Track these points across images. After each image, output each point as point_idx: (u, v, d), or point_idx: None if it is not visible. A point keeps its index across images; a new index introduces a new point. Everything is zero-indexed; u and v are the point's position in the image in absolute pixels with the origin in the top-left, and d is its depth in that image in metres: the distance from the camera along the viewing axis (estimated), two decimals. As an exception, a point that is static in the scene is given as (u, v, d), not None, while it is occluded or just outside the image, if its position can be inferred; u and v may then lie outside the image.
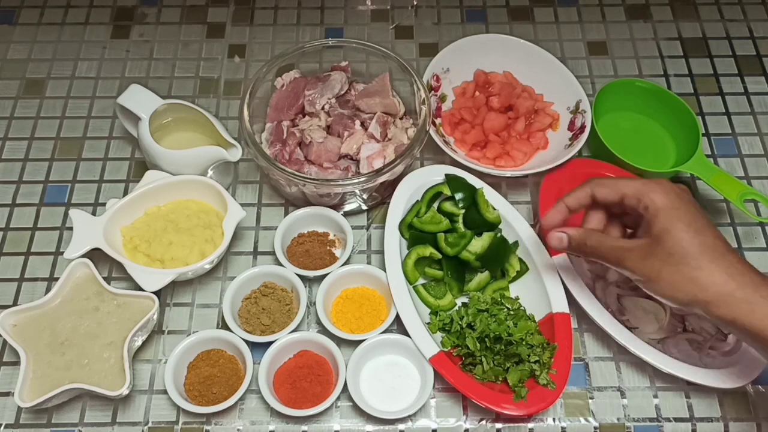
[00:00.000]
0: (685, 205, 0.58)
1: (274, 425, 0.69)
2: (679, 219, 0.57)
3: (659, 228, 0.57)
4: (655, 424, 0.69)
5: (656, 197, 0.58)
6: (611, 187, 0.61)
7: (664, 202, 0.58)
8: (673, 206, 0.57)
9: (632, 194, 0.60)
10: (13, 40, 0.96)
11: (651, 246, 0.58)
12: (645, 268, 0.58)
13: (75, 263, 0.70)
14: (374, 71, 0.84)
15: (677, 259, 0.56)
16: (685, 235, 0.56)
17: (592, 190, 0.62)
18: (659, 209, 0.58)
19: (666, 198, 0.58)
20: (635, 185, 0.60)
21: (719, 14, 1.00)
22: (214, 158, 0.75)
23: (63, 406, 0.69)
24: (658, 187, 0.59)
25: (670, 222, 0.57)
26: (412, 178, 0.77)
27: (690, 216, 0.57)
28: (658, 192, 0.58)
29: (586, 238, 0.62)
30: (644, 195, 0.59)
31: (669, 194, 0.58)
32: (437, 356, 0.67)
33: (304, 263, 0.75)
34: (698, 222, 0.57)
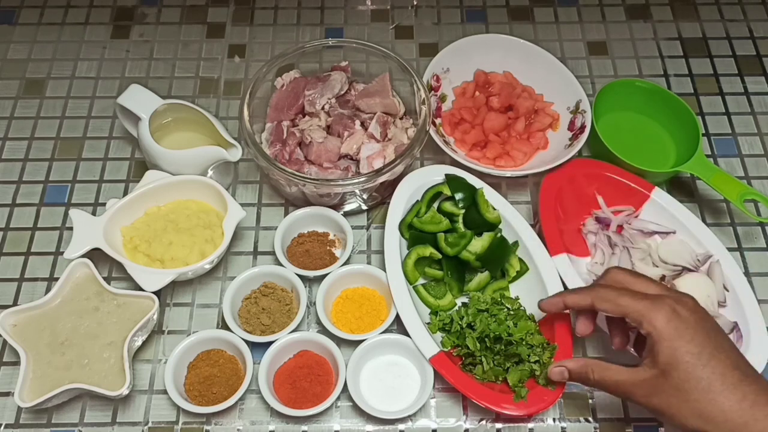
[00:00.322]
0: (691, 331, 0.55)
1: (274, 425, 0.69)
2: (685, 350, 0.54)
3: (664, 360, 0.54)
4: (655, 424, 0.69)
5: (658, 324, 0.55)
6: (613, 303, 0.58)
7: (667, 331, 0.55)
8: (677, 335, 0.54)
9: (634, 317, 0.57)
10: (13, 40, 0.96)
11: (658, 380, 0.55)
12: (654, 404, 0.56)
13: (75, 263, 0.70)
14: (374, 71, 0.84)
15: (686, 394, 0.54)
16: (693, 370, 0.53)
17: (594, 302, 0.60)
18: (662, 338, 0.55)
19: (668, 325, 0.55)
20: (637, 307, 0.56)
21: (719, 14, 1.00)
22: (214, 158, 0.75)
23: (63, 406, 0.69)
24: (660, 312, 0.55)
25: (675, 353, 0.54)
26: (412, 178, 0.77)
27: (697, 344, 0.54)
28: (661, 318, 0.55)
29: (588, 372, 0.60)
30: (646, 319, 0.56)
31: (672, 320, 0.55)
32: (437, 356, 0.67)
33: (304, 263, 0.75)
34: (707, 349, 0.54)
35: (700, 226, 0.76)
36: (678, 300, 0.57)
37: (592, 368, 0.60)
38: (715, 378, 0.53)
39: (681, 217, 0.76)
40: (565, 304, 0.63)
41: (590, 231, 0.78)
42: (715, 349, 0.54)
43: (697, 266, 0.74)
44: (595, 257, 0.76)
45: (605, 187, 0.79)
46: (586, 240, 0.78)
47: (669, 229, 0.76)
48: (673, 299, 0.56)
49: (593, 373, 0.60)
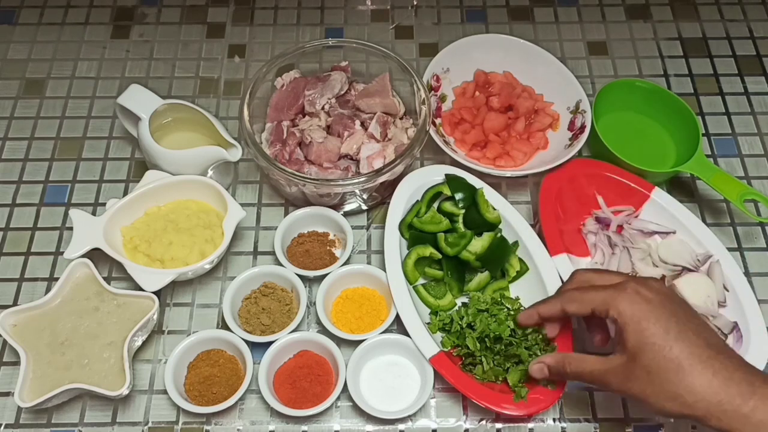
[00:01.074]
0: (656, 312, 0.54)
1: (274, 425, 0.69)
2: (651, 332, 0.53)
3: (632, 344, 0.54)
4: (655, 424, 0.69)
5: (622, 307, 0.55)
6: (579, 301, 0.59)
7: (631, 313, 0.54)
8: (642, 316, 0.54)
9: (600, 307, 0.57)
10: (13, 40, 0.96)
11: (628, 365, 0.55)
12: (629, 390, 0.55)
13: (75, 263, 0.70)
14: (374, 71, 0.84)
15: (657, 376, 0.53)
16: (660, 350, 0.53)
17: (563, 306, 0.60)
18: (627, 322, 0.54)
19: (632, 307, 0.54)
20: (601, 297, 0.56)
21: (719, 14, 1.00)
22: (214, 158, 0.75)
23: (63, 406, 0.69)
24: (623, 296, 0.55)
25: (641, 337, 0.54)
26: (412, 178, 0.77)
27: (662, 325, 0.53)
28: (624, 301, 0.55)
29: (565, 365, 0.60)
30: (610, 306, 0.55)
31: (635, 302, 0.54)
32: (437, 356, 0.67)
33: (304, 263, 0.75)
34: (673, 329, 0.53)
35: (700, 226, 0.76)
36: (641, 282, 0.56)
37: (569, 361, 0.60)
38: (684, 357, 0.52)
39: (681, 217, 0.76)
40: (539, 315, 0.63)
41: (590, 231, 0.78)
42: (682, 328, 0.53)
43: (697, 266, 0.74)
44: (595, 257, 0.76)
45: (605, 187, 0.79)
46: (586, 240, 0.78)
47: (669, 229, 0.76)
48: (636, 282, 0.56)
49: (569, 366, 0.60)
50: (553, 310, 0.61)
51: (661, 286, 0.57)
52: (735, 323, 0.70)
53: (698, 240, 0.75)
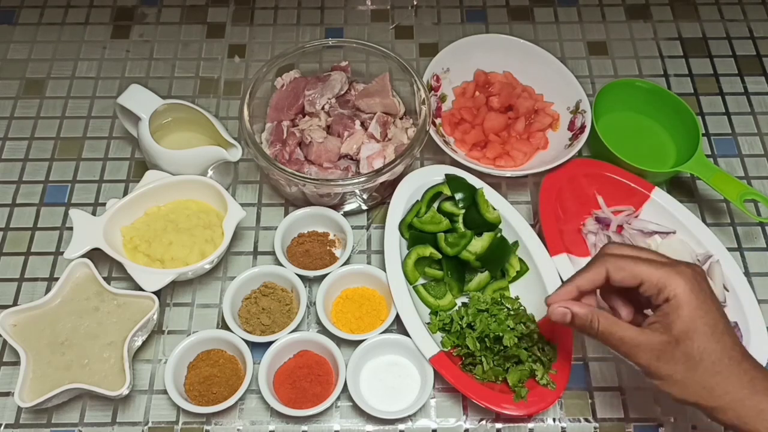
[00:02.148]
0: (709, 303, 0.54)
1: (274, 425, 0.69)
2: (704, 322, 0.53)
3: (681, 328, 0.54)
4: (655, 424, 0.69)
5: (680, 290, 0.54)
6: (628, 271, 0.56)
7: (689, 299, 0.54)
8: (698, 304, 0.54)
9: (653, 284, 0.55)
10: (13, 40, 0.96)
11: (669, 346, 0.54)
12: (659, 368, 0.55)
13: (75, 263, 0.70)
14: (374, 71, 0.84)
15: (695, 364, 0.53)
16: (708, 342, 0.53)
17: (608, 272, 0.57)
18: (682, 306, 0.54)
19: (691, 293, 0.54)
20: (657, 275, 0.54)
21: (719, 14, 1.00)
22: (214, 158, 0.75)
23: (63, 406, 0.69)
24: (682, 278, 0.54)
25: (693, 324, 0.53)
26: (412, 178, 0.77)
27: (713, 317, 0.54)
28: (682, 285, 0.54)
29: (595, 321, 0.56)
30: (666, 287, 0.54)
31: (694, 289, 0.54)
32: (437, 356, 0.67)
33: (304, 263, 0.75)
34: (720, 323, 0.54)
35: (700, 226, 0.76)
36: (693, 269, 0.56)
37: (601, 318, 0.56)
38: (724, 353, 0.53)
39: (681, 217, 0.76)
40: (578, 289, 0.58)
41: (590, 231, 0.78)
42: (726, 325, 0.54)
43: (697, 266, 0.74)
44: (595, 257, 0.76)
45: (605, 187, 0.79)
46: (586, 240, 0.78)
47: (669, 229, 0.76)
48: (689, 268, 0.55)
49: (600, 323, 0.56)
50: (597, 278, 0.57)
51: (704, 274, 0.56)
52: (735, 323, 0.70)
53: (698, 240, 0.75)
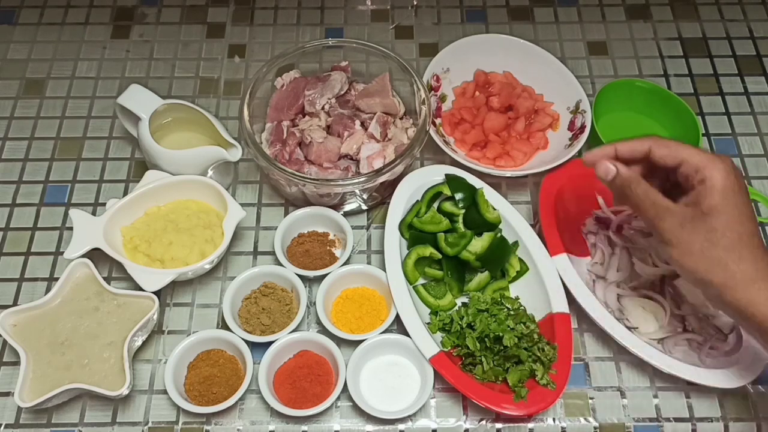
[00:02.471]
0: (741, 192, 0.58)
1: (274, 425, 0.69)
2: (734, 204, 0.57)
3: (711, 205, 0.57)
4: (655, 424, 0.69)
5: (717, 174, 0.57)
6: (672, 150, 0.59)
7: (724, 182, 0.57)
8: (732, 189, 0.57)
9: (692, 164, 0.58)
10: (13, 40, 0.96)
11: (695, 217, 0.57)
12: (680, 235, 0.58)
13: (75, 263, 0.70)
14: (374, 71, 0.84)
15: (716, 238, 0.57)
16: (733, 222, 0.57)
17: (651, 148, 0.60)
18: (716, 187, 0.57)
19: (727, 179, 0.57)
20: (698, 157, 0.58)
21: (719, 14, 1.00)
22: (214, 158, 0.75)
23: (63, 406, 0.69)
24: (721, 165, 0.58)
25: (725, 203, 0.57)
26: (412, 178, 0.77)
27: (743, 203, 0.57)
28: (721, 170, 0.57)
29: (634, 182, 0.60)
30: (705, 169, 0.57)
31: (730, 176, 0.57)
32: (437, 356, 0.67)
33: (304, 263, 0.75)
34: (747, 212, 0.57)
35: (700, 226, 0.75)
36: (733, 164, 0.59)
37: (638, 181, 0.60)
38: (744, 236, 0.57)
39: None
40: (617, 152, 0.61)
41: (590, 231, 0.78)
42: (750, 216, 0.58)
43: (697, 266, 0.74)
44: (595, 257, 0.76)
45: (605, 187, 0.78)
46: (586, 240, 0.78)
47: (669, 229, 0.76)
48: (731, 161, 0.59)
49: (637, 186, 0.60)
50: (637, 150, 0.61)
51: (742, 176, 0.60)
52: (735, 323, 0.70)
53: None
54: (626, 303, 0.72)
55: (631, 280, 0.75)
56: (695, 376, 0.66)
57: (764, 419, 0.69)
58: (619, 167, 0.61)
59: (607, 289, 0.73)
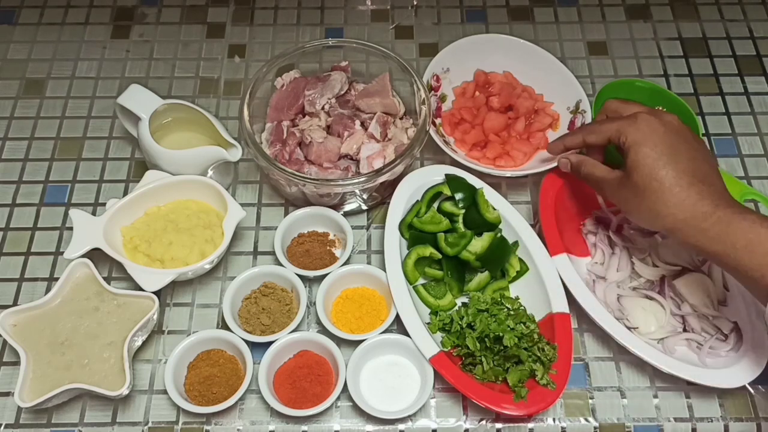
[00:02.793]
0: (657, 139, 0.62)
1: (274, 425, 0.69)
2: (647, 154, 0.61)
3: (630, 162, 0.63)
4: (655, 424, 0.69)
5: (630, 132, 0.63)
6: (597, 132, 0.67)
7: (635, 137, 0.62)
8: (643, 142, 0.62)
9: (614, 134, 0.65)
10: (13, 40, 0.96)
11: (623, 178, 0.64)
12: (617, 198, 0.66)
13: (75, 263, 0.70)
14: (374, 71, 0.84)
15: (642, 192, 0.62)
16: (650, 170, 0.61)
17: (584, 137, 0.69)
18: (631, 144, 0.63)
19: (638, 133, 0.62)
20: (615, 126, 0.65)
21: (719, 14, 1.00)
22: (214, 158, 0.75)
23: (63, 406, 0.69)
24: (633, 125, 0.63)
25: (638, 156, 0.62)
26: (412, 178, 0.77)
27: (659, 150, 0.61)
28: (632, 128, 0.63)
29: (581, 165, 0.70)
30: (621, 133, 0.64)
31: (640, 129, 0.62)
32: (437, 356, 0.67)
33: (304, 263, 0.75)
34: (665, 155, 0.61)
35: (700, 226, 0.75)
36: (654, 114, 0.64)
37: (585, 163, 0.69)
38: (668, 179, 0.61)
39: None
40: (564, 146, 0.71)
41: (590, 231, 0.78)
42: (676, 157, 0.61)
43: (697, 266, 0.74)
44: (595, 257, 0.76)
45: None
46: (586, 240, 0.78)
47: (669, 229, 0.76)
48: (649, 113, 0.64)
49: (584, 167, 0.69)
50: (576, 141, 0.70)
51: (672, 120, 0.64)
52: (735, 323, 0.70)
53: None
54: (626, 303, 0.72)
55: (631, 280, 0.75)
56: (695, 376, 0.66)
57: (764, 419, 0.69)
58: (570, 158, 0.71)
59: (607, 289, 0.73)
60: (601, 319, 0.69)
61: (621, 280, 0.74)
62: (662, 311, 0.71)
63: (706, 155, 0.64)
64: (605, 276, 0.74)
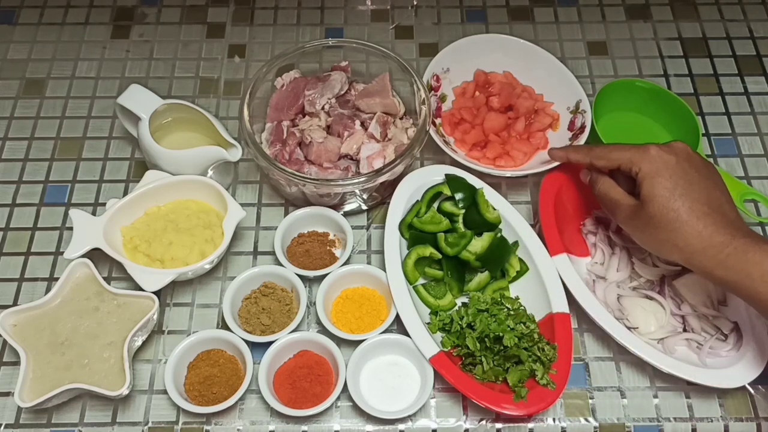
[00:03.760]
0: (670, 170, 0.63)
1: (274, 425, 0.69)
2: (662, 186, 0.63)
3: (644, 194, 0.64)
4: (655, 424, 0.69)
5: (644, 165, 0.64)
6: (607, 159, 0.68)
7: (649, 170, 0.64)
8: (657, 174, 0.63)
9: (625, 165, 0.66)
10: (13, 40, 0.96)
11: (637, 208, 0.65)
12: (629, 226, 0.67)
13: (75, 263, 0.70)
14: (374, 71, 0.84)
15: (655, 223, 0.63)
16: (666, 201, 0.62)
17: (592, 160, 0.69)
18: (644, 177, 0.64)
19: (651, 166, 0.64)
20: (627, 155, 0.66)
21: (719, 14, 1.00)
22: (214, 158, 0.75)
23: (63, 406, 0.69)
24: (646, 155, 0.64)
25: (652, 189, 0.63)
26: (412, 178, 0.77)
27: (673, 181, 0.63)
28: (645, 159, 0.64)
29: (599, 183, 0.70)
30: (635, 163, 0.65)
31: (654, 161, 0.64)
32: (437, 356, 0.67)
33: (304, 263, 0.75)
34: (680, 186, 0.62)
35: (700, 226, 0.75)
36: (663, 147, 0.65)
37: (603, 181, 0.70)
38: (683, 211, 0.62)
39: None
40: (568, 159, 0.73)
41: (590, 231, 0.78)
42: (690, 187, 0.62)
43: (697, 266, 0.74)
44: (595, 257, 0.76)
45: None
46: (586, 240, 0.78)
47: (669, 229, 0.76)
48: (659, 146, 0.65)
49: (601, 184, 0.70)
50: (583, 160, 0.71)
51: (684, 149, 0.65)
52: (735, 323, 0.70)
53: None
54: (626, 303, 0.72)
55: (631, 280, 0.75)
56: (695, 376, 0.66)
57: (764, 419, 0.69)
58: (593, 175, 0.71)
59: (607, 289, 0.73)
60: (601, 319, 0.69)
61: (621, 280, 0.74)
62: (662, 311, 0.71)
63: (717, 181, 0.65)
64: (605, 276, 0.74)
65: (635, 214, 0.65)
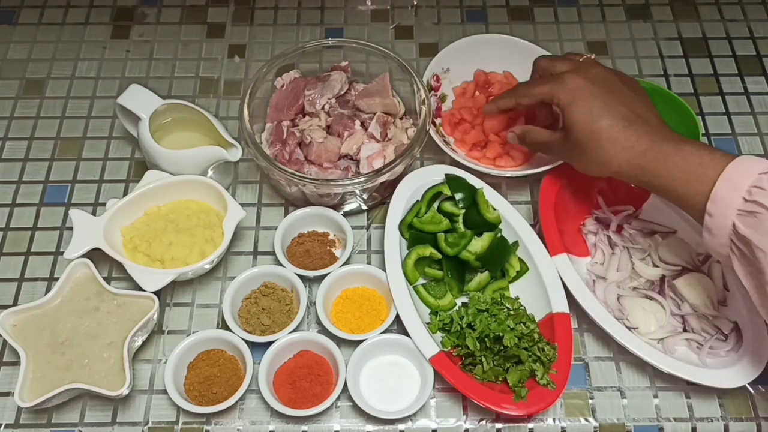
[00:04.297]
0: (585, 94, 0.66)
1: (274, 425, 0.69)
2: (578, 112, 0.65)
3: (567, 121, 0.67)
4: (655, 424, 0.69)
5: (561, 96, 0.67)
6: (529, 95, 0.71)
7: (566, 99, 0.66)
8: (573, 101, 0.66)
9: (546, 97, 0.69)
10: (13, 40, 0.96)
11: (564, 139, 0.68)
12: (565, 156, 0.71)
13: (75, 263, 0.70)
14: (374, 71, 0.84)
15: (583, 148, 0.66)
16: (585, 126, 0.65)
17: (517, 100, 0.72)
18: (564, 107, 0.67)
19: (567, 94, 0.66)
20: (546, 89, 0.68)
21: (719, 14, 1.00)
22: (214, 158, 0.75)
23: (63, 406, 0.69)
24: (561, 86, 0.67)
25: (571, 116, 0.66)
26: (412, 178, 0.77)
27: (588, 105, 0.65)
28: (562, 90, 0.67)
29: (525, 135, 0.74)
30: (553, 96, 0.68)
31: (569, 89, 0.66)
32: (437, 356, 0.67)
33: (304, 263, 0.75)
34: (597, 107, 0.65)
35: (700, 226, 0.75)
36: (579, 71, 0.68)
37: (529, 132, 0.73)
38: (603, 129, 0.64)
39: (681, 216, 0.76)
40: (498, 108, 0.75)
41: (590, 231, 0.78)
42: (606, 105, 0.65)
43: (697, 266, 0.74)
44: (595, 257, 0.76)
45: (605, 187, 0.79)
46: (586, 240, 0.78)
47: (669, 228, 0.76)
48: (574, 72, 0.68)
49: (529, 136, 0.73)
50: (509, 104, 0.74)
51: (599, 72, 0.68)
52: (735, 323, 0.70)
53: (698, 240, 0.75)
54: (626, 303, 0.72)
55: (631, 280, 0.75)
56: (695, 376, 0.66)
57: (764, 419, 0.69)
58: (514, 130, 0.75)
59: (607, 289, 0.73)
60: (601, 319, 0.69)
61: (621, 280, 0.74)
62: (662, 311, 0.71)
63: (637, 95, 0.68)
64: (605, 276, 0.74)
65: (564, 144, 0.68)
